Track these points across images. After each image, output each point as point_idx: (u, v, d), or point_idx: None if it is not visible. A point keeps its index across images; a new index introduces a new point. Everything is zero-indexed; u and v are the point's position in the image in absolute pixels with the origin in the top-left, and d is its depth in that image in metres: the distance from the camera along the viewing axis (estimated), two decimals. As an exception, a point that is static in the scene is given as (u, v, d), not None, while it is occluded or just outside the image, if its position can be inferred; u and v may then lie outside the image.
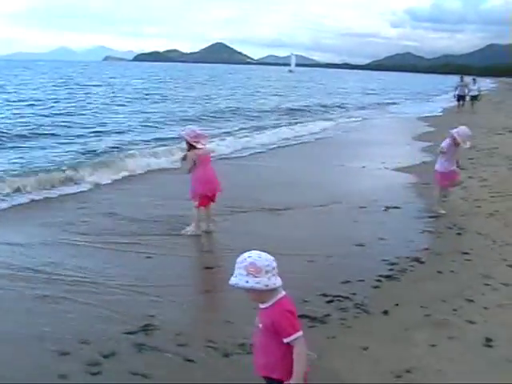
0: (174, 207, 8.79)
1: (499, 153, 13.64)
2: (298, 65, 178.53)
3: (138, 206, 9.12)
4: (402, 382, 3.96)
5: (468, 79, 32.87)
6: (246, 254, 2.89)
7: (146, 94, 38.43)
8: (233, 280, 2.86)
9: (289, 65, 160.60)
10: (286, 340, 2.87)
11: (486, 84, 75.26)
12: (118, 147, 15.19)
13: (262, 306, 2.96)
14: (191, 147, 7.50)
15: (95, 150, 14.63)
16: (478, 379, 4.00)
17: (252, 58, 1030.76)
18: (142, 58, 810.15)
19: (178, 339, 4.61)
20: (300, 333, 2.89)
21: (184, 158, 7.75)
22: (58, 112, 24.82)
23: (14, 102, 29.09)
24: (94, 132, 18.98)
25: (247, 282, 2.81)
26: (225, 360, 4.29)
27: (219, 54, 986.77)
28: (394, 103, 39.84)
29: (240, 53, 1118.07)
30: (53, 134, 18.02)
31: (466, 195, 10.00)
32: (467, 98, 30.81)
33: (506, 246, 7.19)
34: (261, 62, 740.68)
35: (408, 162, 13.76)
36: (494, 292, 5.66)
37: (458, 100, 30.93)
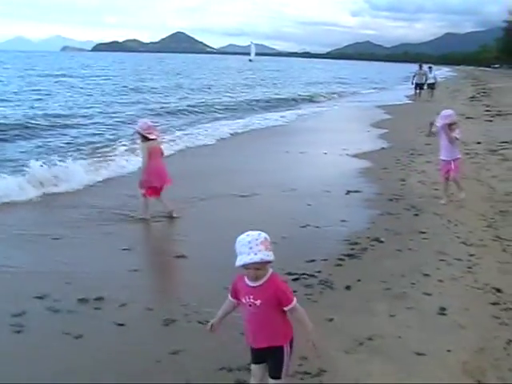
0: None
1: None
2: (259, 54, 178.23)
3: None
4: (365, 348, 4.28)
5: (425, 67, 33.45)
6: (253, 233, 3.06)
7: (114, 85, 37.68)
8: (254, 257, 2.98)
9: (249, 54, 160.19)
10: (288, 307, 3.12)
11: (442, 72, 76.75)
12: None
13: (254, 284, 3.12)
14: (144, 139, 7.85)
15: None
16: (433, 343, 4.35)
17: (213, 48, 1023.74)
18: (101, 47, 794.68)
19: (113, 306, 5.00)
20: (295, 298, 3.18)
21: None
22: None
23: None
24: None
25: (268, 255, 3.03)
26: (164, 328, 4.63)
27: (179, 44, 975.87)
28: (357, 92, 40.25)
29: (201, 42, 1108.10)
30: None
31: (424, 179, 10.44)
32: (425, 87, 31.44)
33: (460, 225, 7.61)
34: (221, 52, 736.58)
35: (367, 148, 14.20)
36: (448, 267, 6.04)
37: (416, 88, 31.54)
